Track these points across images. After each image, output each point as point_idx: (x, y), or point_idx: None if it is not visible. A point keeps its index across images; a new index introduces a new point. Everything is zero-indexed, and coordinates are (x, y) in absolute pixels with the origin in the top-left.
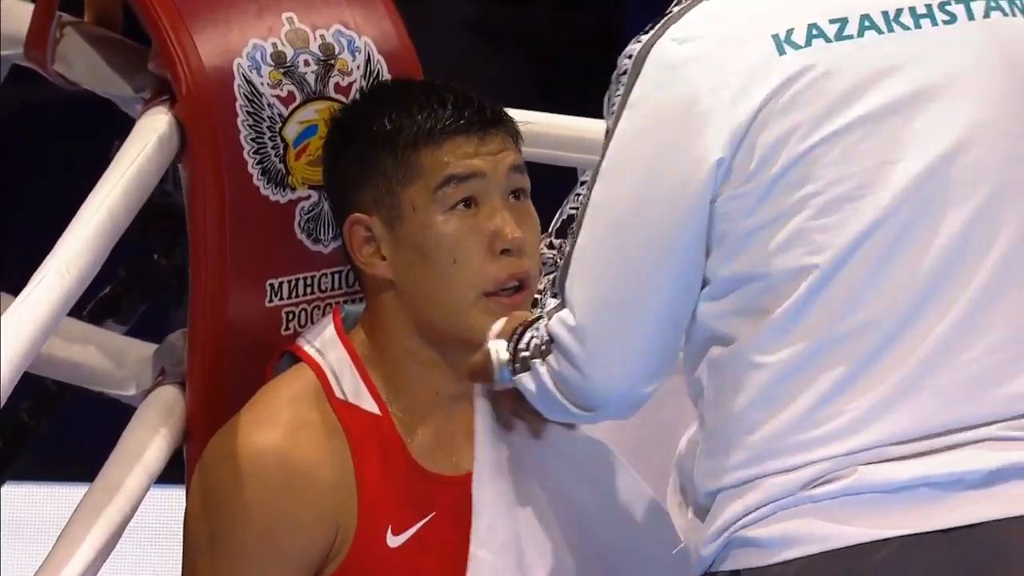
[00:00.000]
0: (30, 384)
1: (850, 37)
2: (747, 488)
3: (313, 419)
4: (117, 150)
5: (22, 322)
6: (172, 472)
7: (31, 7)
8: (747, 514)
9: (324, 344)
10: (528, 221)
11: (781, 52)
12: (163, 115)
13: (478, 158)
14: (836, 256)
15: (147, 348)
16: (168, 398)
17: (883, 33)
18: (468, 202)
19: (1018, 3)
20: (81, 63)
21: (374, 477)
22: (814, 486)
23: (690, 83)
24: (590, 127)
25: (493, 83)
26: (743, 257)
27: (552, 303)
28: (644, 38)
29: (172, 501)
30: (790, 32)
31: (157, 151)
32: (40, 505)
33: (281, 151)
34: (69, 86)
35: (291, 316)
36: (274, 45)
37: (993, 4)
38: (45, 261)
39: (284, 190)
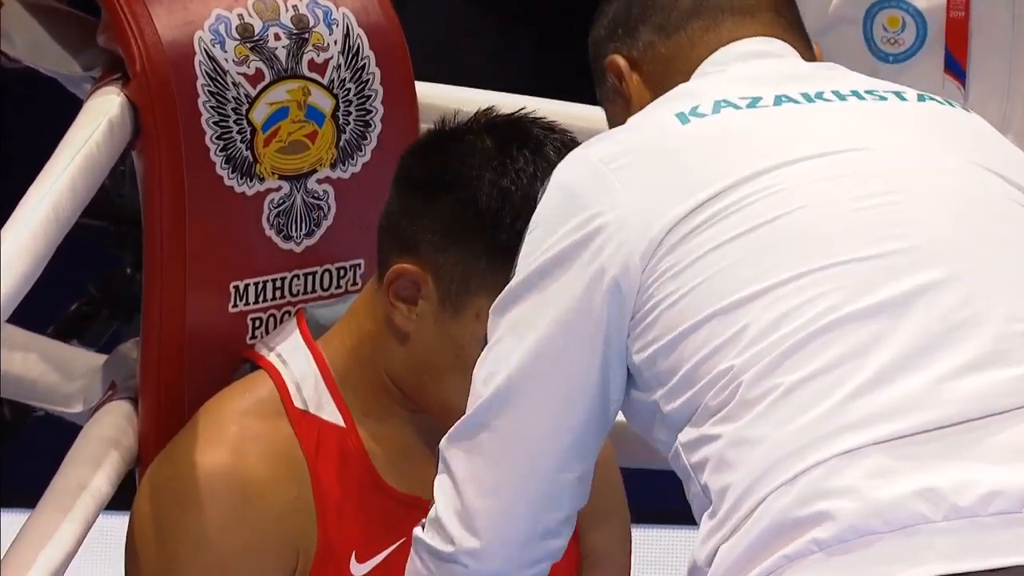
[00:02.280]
0: None
1: (765, 107)
2: (737, 536)
3: (266, 433)
4: None
5: None
6: (123, 498)
7: None
8: (746, 570)
9: (287, 351)
10: None
11: (684, 123)
12: (114, 96)
13: None
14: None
15: (96, 359)
16: (118, 416)
17: (800, 104)
18: None
19: (955, 103)
20: (22, 37)
21: (335, 497)
22: (810, 525)
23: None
24: (587, 114)
25: (488, 56)
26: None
27: None
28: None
29: (123, 530)
30: (695, 107)
31: (108, 137)
32: None
33: (248, 136)
34: (9, 63)
35: (258, 323)
36: (240, 16)
37: (927, 97)
38: None
39: (251, 180)
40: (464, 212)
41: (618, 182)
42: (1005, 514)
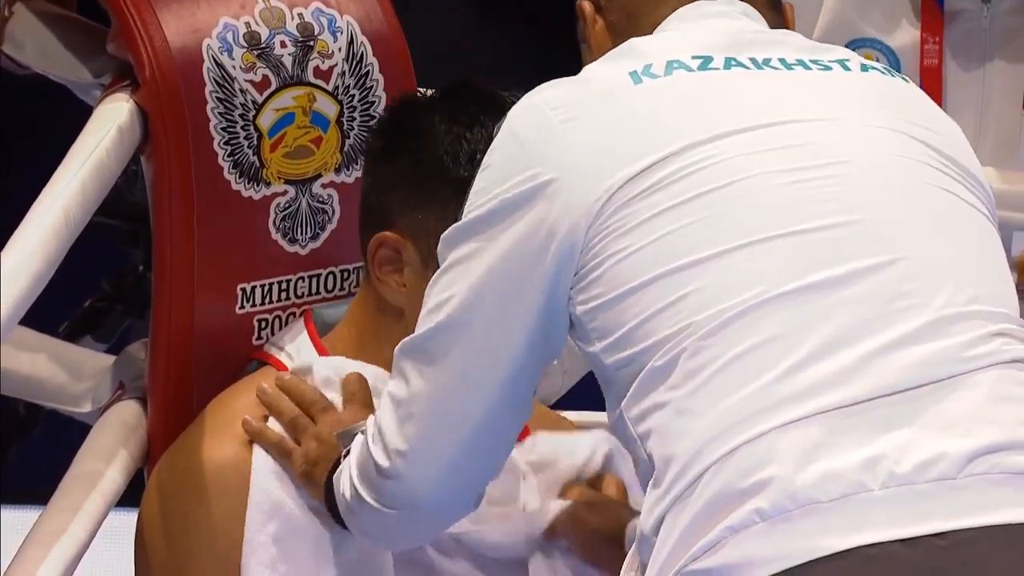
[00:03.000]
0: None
1: (715, 69)
2: (682, 505)
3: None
4: None
5: None
6: (133, 496)
7: None
8: (692, 542)
9: (295, 348)
10: None
11: (636, 83)
12: (124, 102)
13: None
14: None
15: (104, 360)
16: (127, 415)
17: (750, 70)
18: None
19: (897, 74)
20: (32, 44)
21: None
22: (752, 494)
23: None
24: None
25: (492, 65)
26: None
27: None
28: None
29: (132, 528)
30: (648, 66)
31: (117, 143)
32: None
33: (255, 142)
34: (20, 70)
35: (264, 324)
36: (247, 24)
37: (870, 66)
38: None
39: (258, 185)
40: (425, 165)
41: (566, 137)
42: (942, 480)
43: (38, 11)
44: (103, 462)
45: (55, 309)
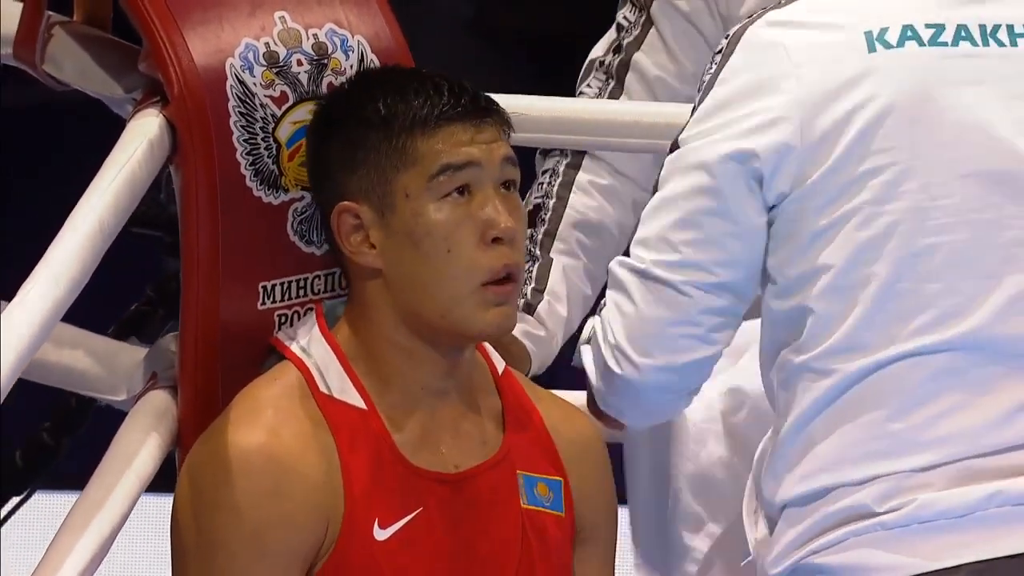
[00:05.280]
0: (52, 403)
1: (944, 44)
2: (812, 507)
3: (297, 415)
4: None
5: (14, 331)
6: (164, 481)
7: (19, 6)
8: (816, 537)
9: (308, 341)
10: (517, 212)
11: (871, 49)
12: (154, 117)
13: (474, 146)
14: (897, 263)
15: (138, 352)
16: (159, 403)
17: (977, 46)
18: (462, 190)
19: None
20: (71, 63)
21: (361, 470)
22: (885, 512)
23: (772, 67)
24: (571, 107)
25: (491, 83)
26: (810, 256)
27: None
28: (746, 21)
29: (164, 510)
30: (884, 31)
31: (148, 155)
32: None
33: (274, 152)
34: (59, 86)
35: (284, 319)
36: (267, 45)
37: None
38: (36, 268)
39: (277, 192)
40: (348, 126)
41: (801, 83)
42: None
43: (76, 33)
44: (137, 446)
45: (105, 312)
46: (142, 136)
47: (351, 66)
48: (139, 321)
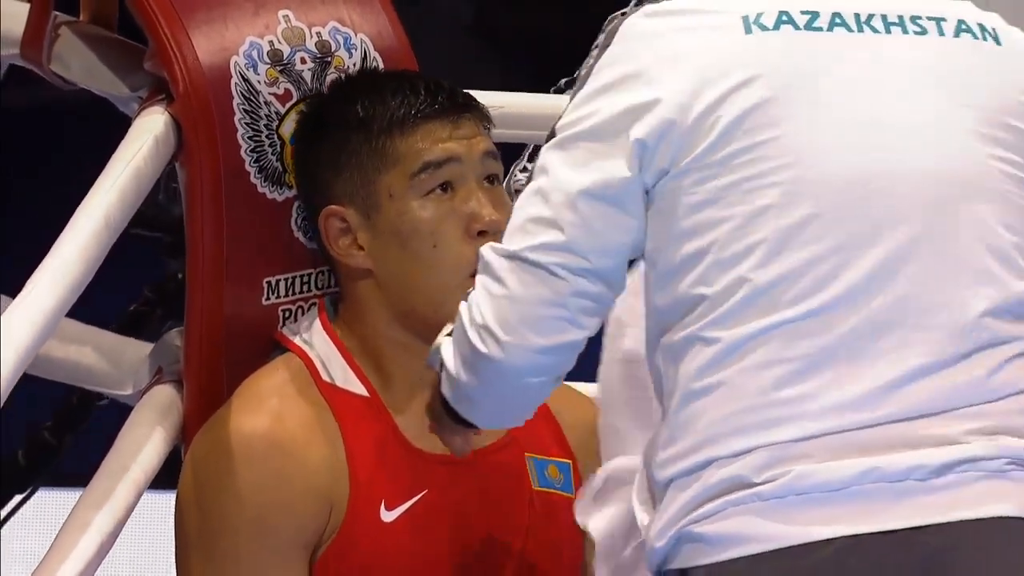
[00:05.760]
0: (53, 401)
1: (819, 29)
2: (695, 477)
3: (300, 402)
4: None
5: (19, 326)
6: (171, 478)
7: (27, 7)
8: (696, 508)
9: (311, 335)
10: (502, 205)
11: (748, 31)
12: (159, 115)
13: (453, 142)
14: (775, 236)
15: (144, 347)
16: (165, 397)
17: (852, 32)
18: (444, 187)
19: (990, 29)
20: (77, 62)
21: (365, 454)
22: (762, 482)
23: (650, 53)
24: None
25: (492, 83)
26: (690, 234)
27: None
28: (622, 13)
29: (170, 505)
30: (760, 15)
31: (154, 152)
32: (36, 505)
33: (278, 149)
34: (66, 85)
35: (288, 314)
36: (271, 43)
37: (964, 26)
38: (41, 265)
39: (281, 188)
40: (330, 130)
41: (676, 72)
42: (925, 480)
43: (82, 32)
44: (143, 439)
45: (104, 311)
46: (148, 133)
47: (354, 64)
48: (137, 321)
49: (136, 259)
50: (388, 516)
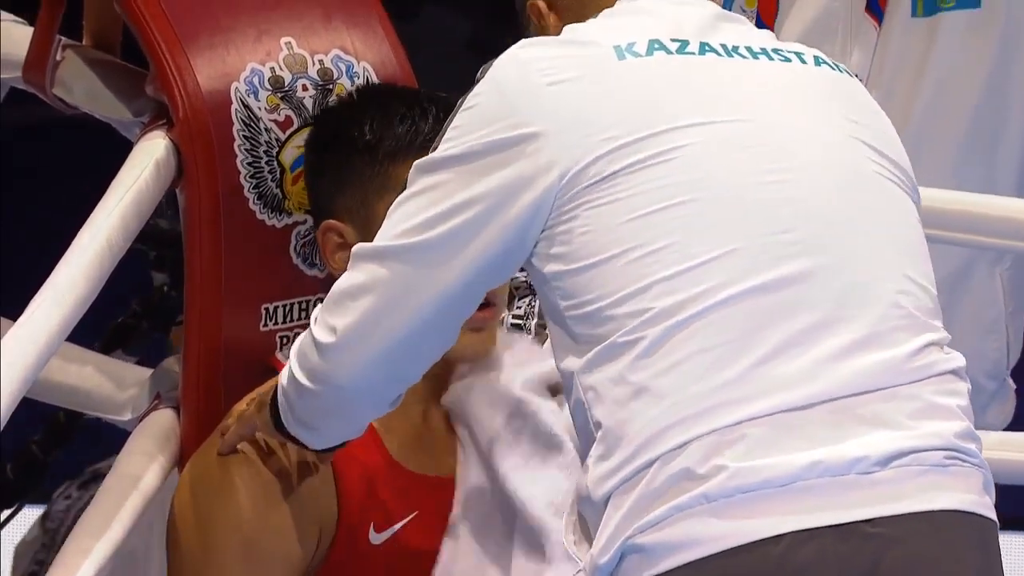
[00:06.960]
0: (42, 417)
1: (691, 53)
2: (635, 482)
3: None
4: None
5: (20, 349)
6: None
7: (28, 30)
8: (641, 515)
9: None
10: None
11: (621, 58)
12: (160, 139)
13: None
14: (682, 230)
15: (143, 372)
16: (163, 423)
17: (722, 56)
18: None
19: (842, 66)
20: (80, 87)
21: (355, 477)
22: (708, 474)
23: (524, 81)
24: None
25: None
26: (595, 248)
27: None
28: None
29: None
30: (632, 44)
31: (154, 176)
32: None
33: (278, 175)
34: (68, 109)
35: (285, 340)
36: (272, 70)
37: (820, 60)
38: (43, 287)
39: (280, 215)
40: (336, 148)
41: (552, 100)
42: (869, 473)
43: (86, 57)
44: (141, 465)
45: (90, 325)
46: (149, 156)
47: None
48: (125, 334)
49: (119, 271)
50: (377, 539)
